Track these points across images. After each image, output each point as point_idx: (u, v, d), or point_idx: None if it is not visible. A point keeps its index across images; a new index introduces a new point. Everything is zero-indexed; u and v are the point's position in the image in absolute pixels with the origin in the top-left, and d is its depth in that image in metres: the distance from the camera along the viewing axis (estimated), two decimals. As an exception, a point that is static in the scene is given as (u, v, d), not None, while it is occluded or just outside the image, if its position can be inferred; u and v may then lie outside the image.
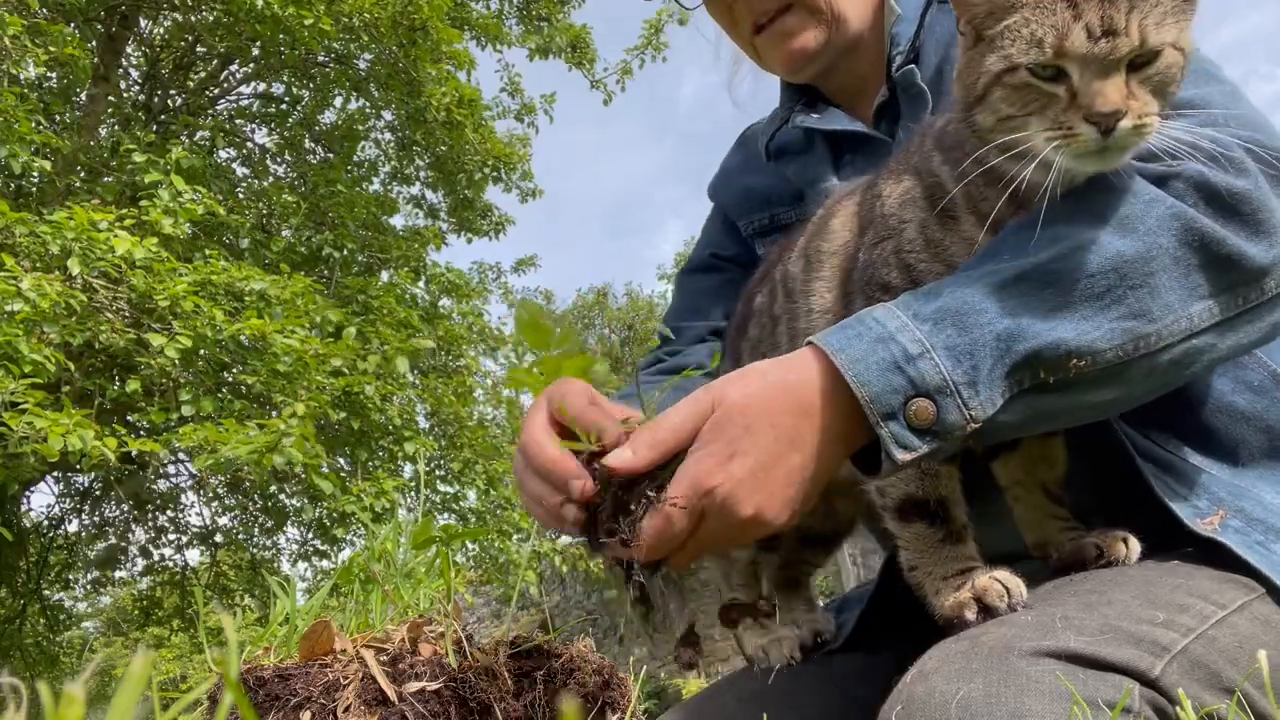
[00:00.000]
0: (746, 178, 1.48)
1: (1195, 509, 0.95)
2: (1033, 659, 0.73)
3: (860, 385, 0.80)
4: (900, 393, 0.80)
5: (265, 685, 0.97)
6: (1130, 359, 0.82)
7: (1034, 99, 0.82)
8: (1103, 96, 0.78)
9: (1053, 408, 0.83)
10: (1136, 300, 0.82)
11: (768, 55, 1.32)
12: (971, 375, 0.79)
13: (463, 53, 8.59)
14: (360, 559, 1.21)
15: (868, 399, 0.80)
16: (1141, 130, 0.79)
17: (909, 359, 0.80)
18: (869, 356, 0.81)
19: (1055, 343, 0.79)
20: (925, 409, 0.79)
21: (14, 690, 0.38)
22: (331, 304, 6.77)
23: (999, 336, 0.79)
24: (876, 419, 0.80)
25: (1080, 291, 0.81)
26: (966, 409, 0.79)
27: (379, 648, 1.01)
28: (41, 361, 4.99)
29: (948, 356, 0.79)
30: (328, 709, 0.94)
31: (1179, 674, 0.76)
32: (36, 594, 9.33)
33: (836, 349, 0.82)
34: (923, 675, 0.77)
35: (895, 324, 0.82)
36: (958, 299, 0.82)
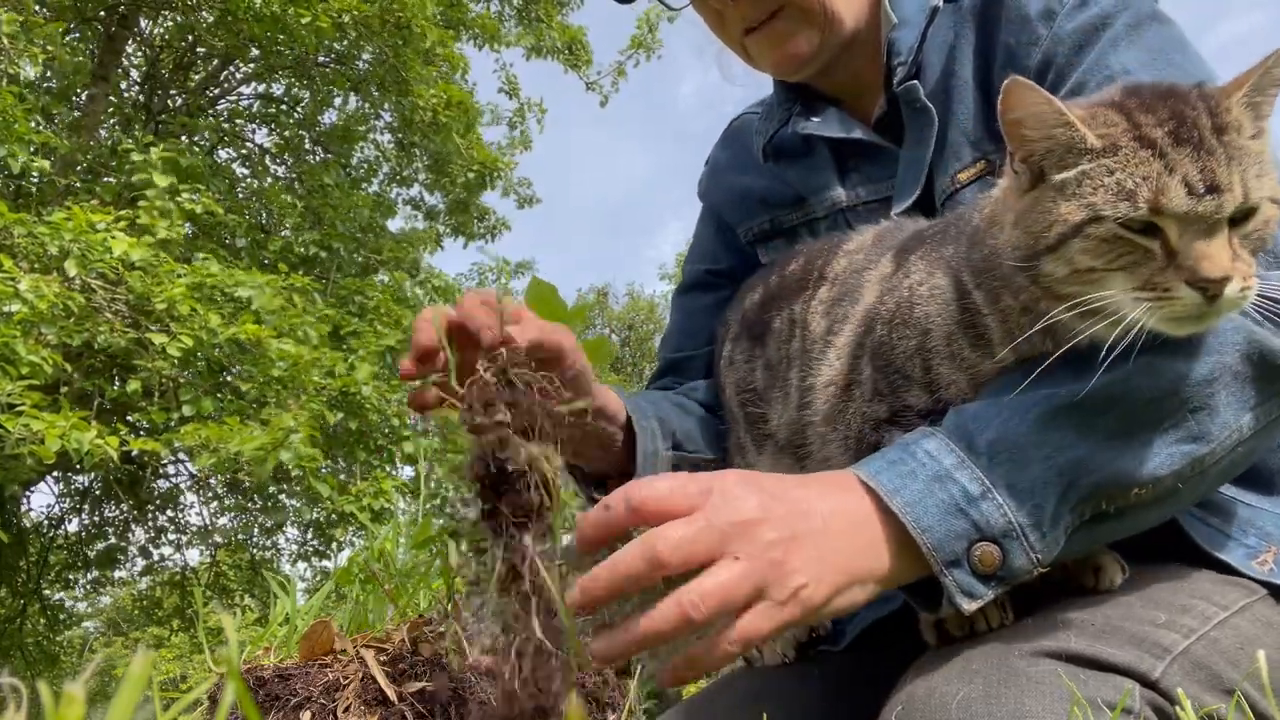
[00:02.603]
0: (741, 177, 1.41)
1: (1246, 549, 0.92)
2: (1033, 659, 0.73)
3: (921, 531, 0.74)
4: (964, 538, 0.74)
5: (265, 685, 0.97)
6: (1188, 479, 0.79)
7: (1125, 253, 0.72)
8: (1210, 261, 0.69)
9: (1111, 532, 0.80)
10: (1197, 423, 0.78)
11: (759, 57, 1.25)
12: (1037, 516, 0.74)
13: (456, 55, 8.59)
14: (360, 559, 1.21)
15: (930, 546, 0.74)
16: (1245, 293, 0.71)
17: (970, 500, 0.74)
18: (926, 499, 0.75)
19: (1116, 474, 0.76)
20: (991, 554, 0.74)
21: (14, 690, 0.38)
22: (328, 303, 6.77)
23: (1060, 471, 0.75)
24: (940, 568, 0.74)
25: (1140, 418, 0.77)
26: (1033, 552, 0.74)
27: (379, 648, 1.01)
28: (39, 363, 4.99)
29: (1010, 496, 0.74)
30: (328, 709, 0.94)
31: (1180, 675, 0.75)
32: (36, 594, 9.33)
33: (891, 491, 0.75)
34: (923, 675, 0.77)
35: (951, 460, 0.76)
36: (1013, 430, 0.76)
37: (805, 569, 0.70)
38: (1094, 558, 0.88)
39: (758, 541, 0.69)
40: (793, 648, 1.14)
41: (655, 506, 0.69)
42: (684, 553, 0.67)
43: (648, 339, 20.93)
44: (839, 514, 0.75)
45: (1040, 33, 1.05)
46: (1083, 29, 1.02)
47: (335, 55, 8.64)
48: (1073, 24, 1.03)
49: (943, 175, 1.12)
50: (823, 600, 0.71)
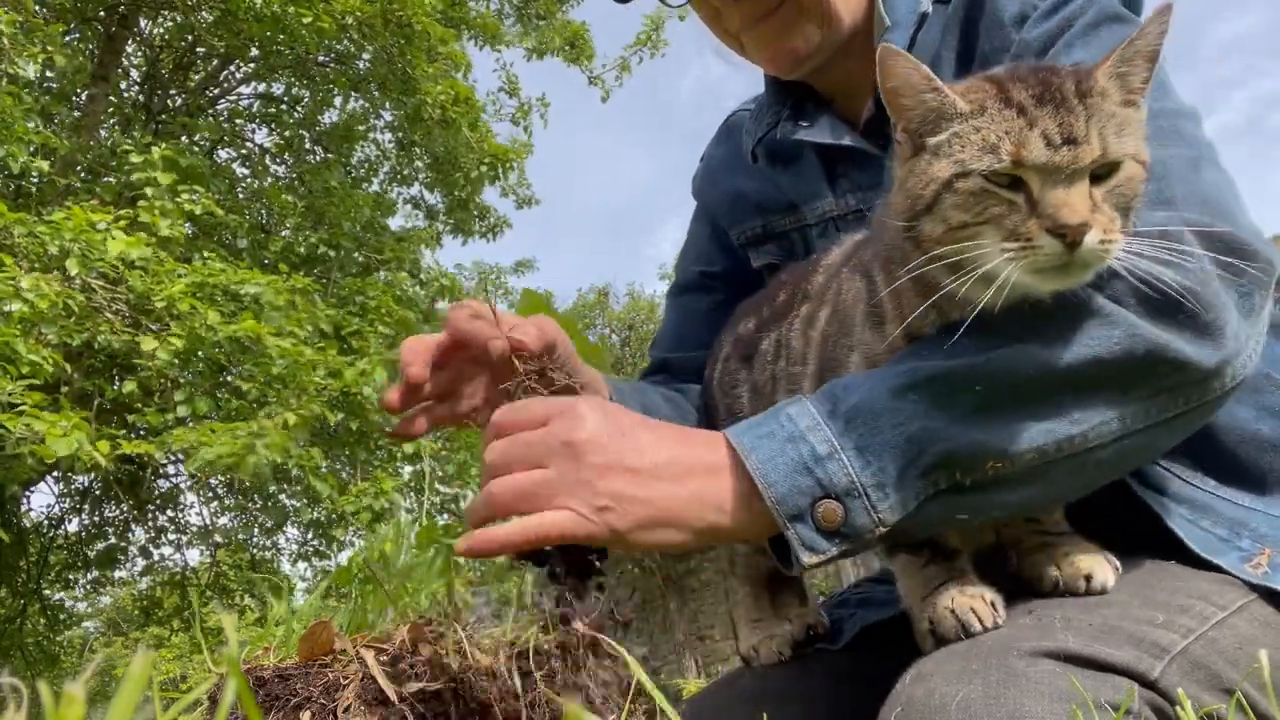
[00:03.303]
0: (735, 179, 1.40)
1: (1240, 551, 0.92)
2: (1032, 660, 0.73)
3: (767, 486, 0.79)
4: (808, 494, 0.78)
5: (265, 685, 0.97)
6: (1053, 460, 0.79)
7: (990, 205, 0.76)
8: (1068, 207, 0.73)
9: (970, 506, 0.81)
10: (1062, 405, 0.79)
11: (755, 53, 1.25)
12: (880, 478, 0.77)
13: (458, 53, 8.59)
14: (360, 559, 1.21)
15: (774, 500, 0.79)
16: (1107, 246, 0.74)
17: (817, 459, 0.79)
18: (778, 457, 0.80)
19: (969, 444, 0.77)
20: (833, 511, 0.78)
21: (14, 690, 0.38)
22: (328, 304, 6.77)
23: (910, 439, 0.77)
24: (784, 520, 0.79)
25: (1003, 395, 0.79)
26: (875, 512, 0.77)
27: (379, 648, 1.01)
28: (39, 362, 4.99)
29: (857, 458, 0.78)
30: (328, 709, 0.94)
31: (1179, 675, 0.75)
32: (36, 594, 9.33)
33: (748, 449, 0.81)
34: (922, 676, 0.77)
35: (807, 422, 0.81)
36: (872, 397, 0.80)
37: (612, 495, 0.79)
38: (1081, 565, 0.88)
39: (579, 461, 0.79)
40: (789, 646, 1.15)
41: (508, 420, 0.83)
42: (508, 458, 0.82)
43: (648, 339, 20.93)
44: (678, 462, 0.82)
45: (1012, 38, 1.06)
46: (1048, 33, 1.02)
47: (335, 55, 8.64)
48: (1039, 29, 1.03)
49: None
50: (625, 529, 0.80)
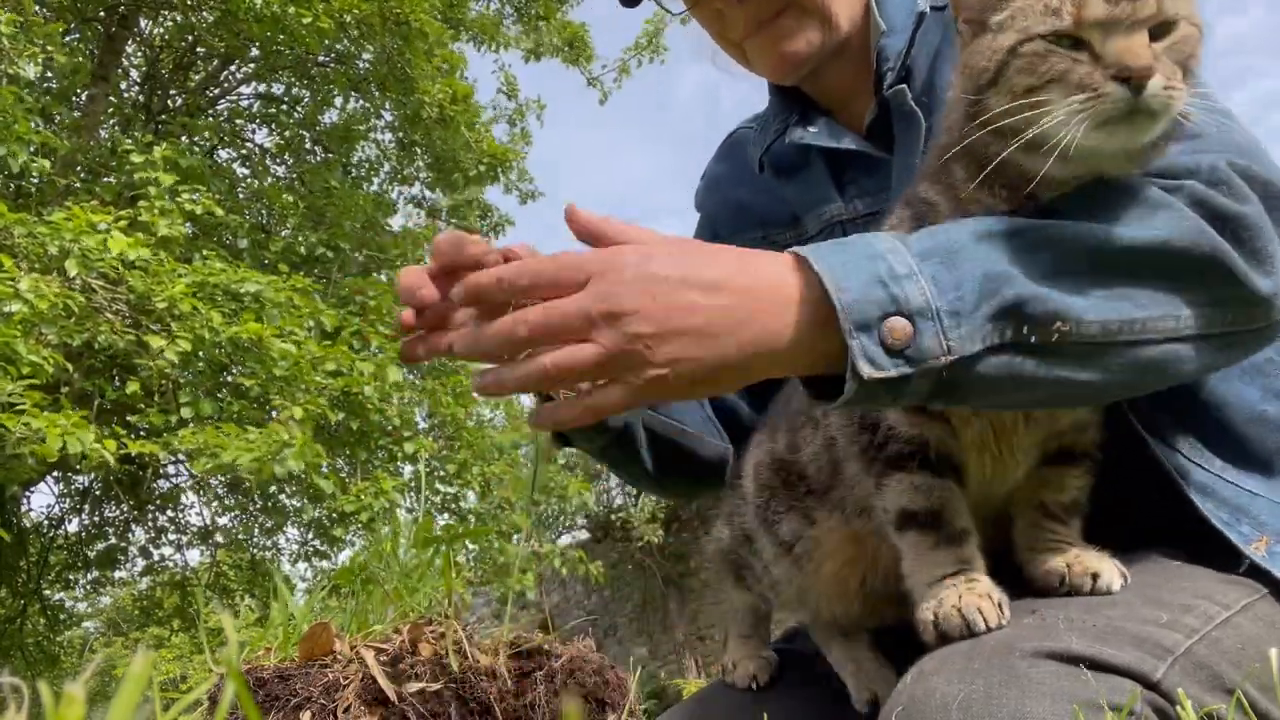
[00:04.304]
0: (738, 191, 1.40)
1: (1241, 535, 0.92)
2: (1034, 660, 0.73)
3: (839, 290, 0.75)
4: (879, 306, 0.74)
5: (265, 685, 0.97)
6: (1113, 341, 0.78)
7: (1056, 64, 0.77)
8: (1131, 52, 0.75)
9: (1030, 374, 0.79)
10: (1129, 284, 0.79)
11: (758, 59, 1.25)
12: (955, 306, 0.75)
13: (454, 54, 8.60)
14: (360, 559, 1.21)
15: (844, 306, 0.74)
16: (1171, 93, 0.75)
17: (894, 277, 0.76)
18: (852, 266, 0.76)
19: (1042, 297, 0.76)
20: (902, 328, 0.74)
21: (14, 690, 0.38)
22: (329, 304, 6.77)
23: (987, 276, 0.76)
24: (850, 327, 0.74)
25: (1074, 260, 0.78)
26: (945, 337, 0.74)
27: (379, 648, 1.01)
28: (40, 363, 4.99)
29: (933, 283, 0.76)
30: (328, 709, 0.94)
31: (1181, 676, 0.75)
32: (37, 594, 9.33)
33: (817, 256, 0.78)
34: (923, 676, 0.77)
35: (885, 245, 0.78)
36: (949, 239, 0.79)
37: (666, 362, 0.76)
38: (1089, 564, 0.88)
39: (623, 333, 0.75)
40: (767, 673, 1.13)
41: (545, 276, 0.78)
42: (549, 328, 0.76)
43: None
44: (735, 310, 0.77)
45: None
46: None
47: (335, 55, 8.64)
48: None
49: None
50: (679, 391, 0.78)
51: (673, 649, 12.46)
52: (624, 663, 1.19)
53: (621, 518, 12.63)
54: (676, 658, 12.36)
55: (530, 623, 1.19)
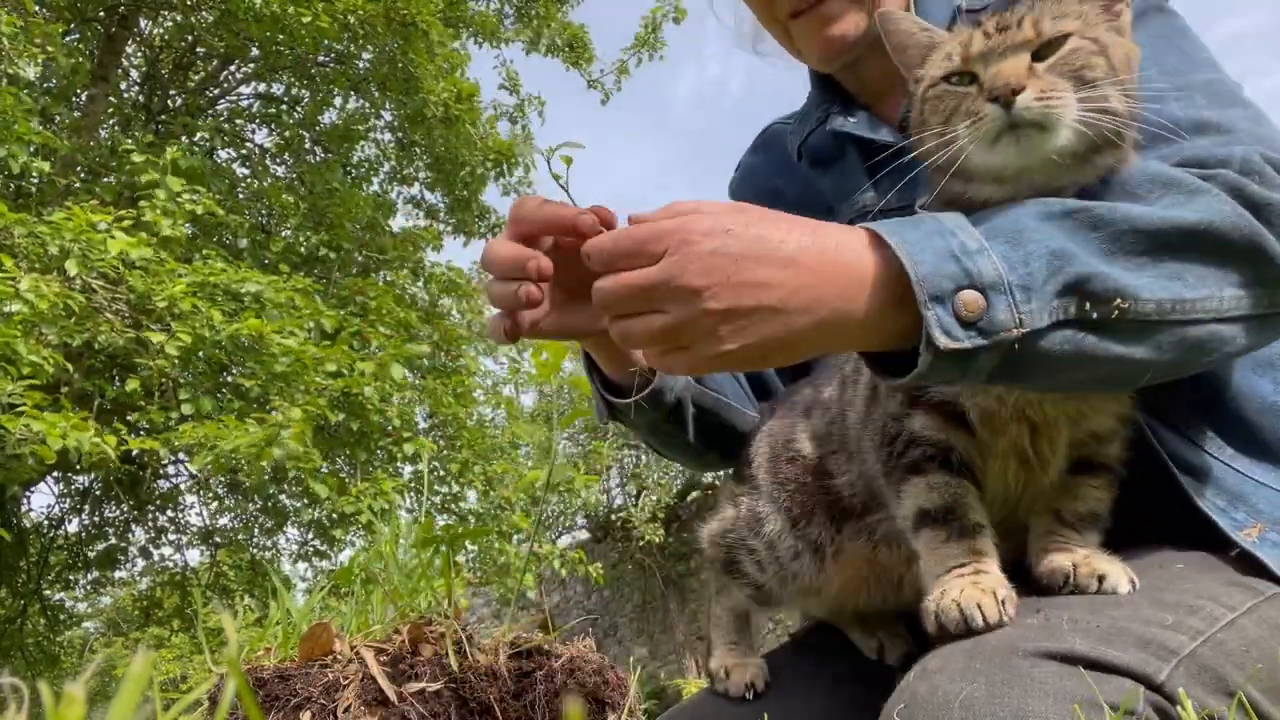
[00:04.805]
0: (774, 180, 1.43)
1: (1233, 520, 0.93)
2: (1037, 660, 0.73)
3: (914, 263, 0.76)
4: (953, 280, 0.76)
5: (265, 685, 0.97)
6: (1165, 319, 0.80)
7: (952, 101, 0.87)
8: (1000, 74, 0.82)
9: (1090, 350, 0.80)
10: (1178, 265, 0.81)
11: (803, 41, 1.27)
12: (1026, 281, 0.77)
13: (455, 53, 8.59)
14: (360, 559, 1.21)
15: (919, 278, 0.76)
16: (1048, 103, 0.81)
17: (966, 252, 0.77)
18: (924, 241, 0.78)
19: (1103, 274, 0.78)
20: (975, 300, 0.75)
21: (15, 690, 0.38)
22: (329, 304, 6.77)
23: (1053, 254, 0.78)
24: (925, 298, 0.75)
25: (1126, 241, 0.81)
26: (1017, 310, 0.76)
27: (379, 648, 1.01)
28: (40, 362, 4.99)
29: (1004, 259, 0.77)
30: (328, 709, 0.94)
31: (1185, 678, 0.75)
32: (37, 594, 9.33)
33: (890, 231, 0.79)
34: (926, 674, 0.77)
35: (953, 222, 0.80)
36: (1010, 220, 0.81)
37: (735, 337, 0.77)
38: (1096, 566, 0.88)
39: (695, 309, 0.77)
40: (762, 679, 1.13)
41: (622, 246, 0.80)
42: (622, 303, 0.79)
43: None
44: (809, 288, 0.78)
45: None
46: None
47: (335, 55, 8.64)
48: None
49: None
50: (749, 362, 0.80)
51: (673, 649, 12.46)
52: (624, 663, 1.19)
53: (621, 518, 12.63)
54: (676, 658, 12.36)
55: (530, 623, 1.19)
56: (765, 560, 1.11)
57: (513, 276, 0.91)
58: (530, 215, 0.92)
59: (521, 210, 0.93)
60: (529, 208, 0.92)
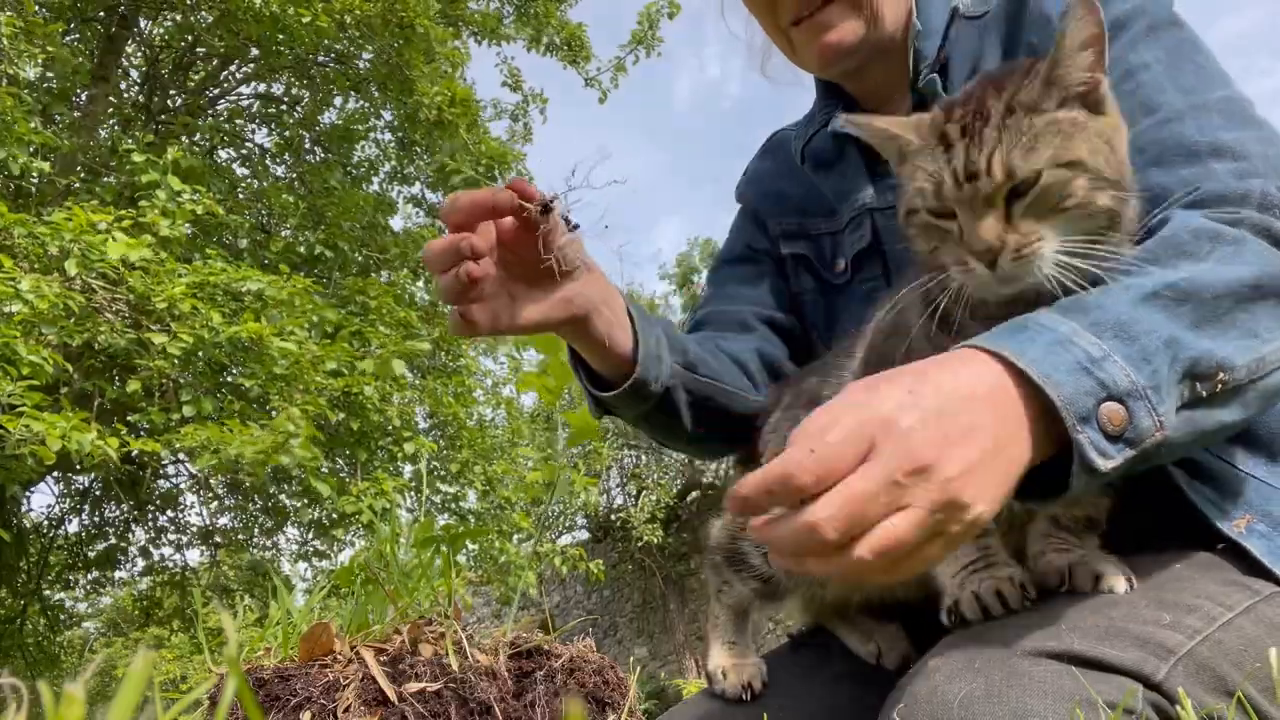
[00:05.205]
0: (780, 183, 1.46)
1: (1222, 512, 0.94)
2: (1036, 659, 0.74)
3: (1054, 386, 0.72)
4: (1092, 395, 0.73)
5: (265, 685, 0.97)
6: (1253, 378, 0.81)
7: (937, 234, 0.87)
8: (976, 235, 0.82)
9: (1202, 426, 0.80)
10: (1249, 321, 0.82)
11: (803, 48, 1.29)
12: (1154, 380, 0.75)
13: (456, 52, 8.58)
14: (360, 559, 1.21)
15: (1064, 401, 0.72)
16: (1023, 257, 0.81)
17: (1093, 361, 0.75)
18: (1050, 358, 0.74)
19: (1207, 353, 0.78)
20: (1117, 413, 0.73)
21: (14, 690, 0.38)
22: (329, 304, 6.78)
23: (1165, 343, 0.77)
24: (1073, 421, 0.72)
25: (1208, 308, 0.81)
26: (1156, 414, 0.75)
27: (379, 648, 1.01)
28: (40, 363, 4.99)
29: (1128, 361, 0.75)
30: (328, 709, 0.94)
31: (1183, 677, 0.75)
32: (37, 594, 9.32)
33: (1016, 351, 0.74)
34: (926, 673, 0.77)
35: (1066, 329, 0.77)
36: (1109, 313, 0.78)
37: (980, 495, 0.70)
38: (1094, 566, 0.88)
39: (933, 482, 0.68)
40: (760, 680, 1.13)
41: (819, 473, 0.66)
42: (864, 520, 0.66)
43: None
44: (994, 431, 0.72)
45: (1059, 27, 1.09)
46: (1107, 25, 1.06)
47: (335, 55, 8.64)
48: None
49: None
50: (989, 516, 0.71)
51: (673, 649, 12.46)
52: (624, 663, 1.19)
53: (621, 518, 12.63)
54: (676, 658, 12.36)
55: (530, 623, 1.19)
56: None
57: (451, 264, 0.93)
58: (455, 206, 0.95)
59: (449, 205, 0.96)
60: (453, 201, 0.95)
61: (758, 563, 1.13)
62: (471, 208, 0.95)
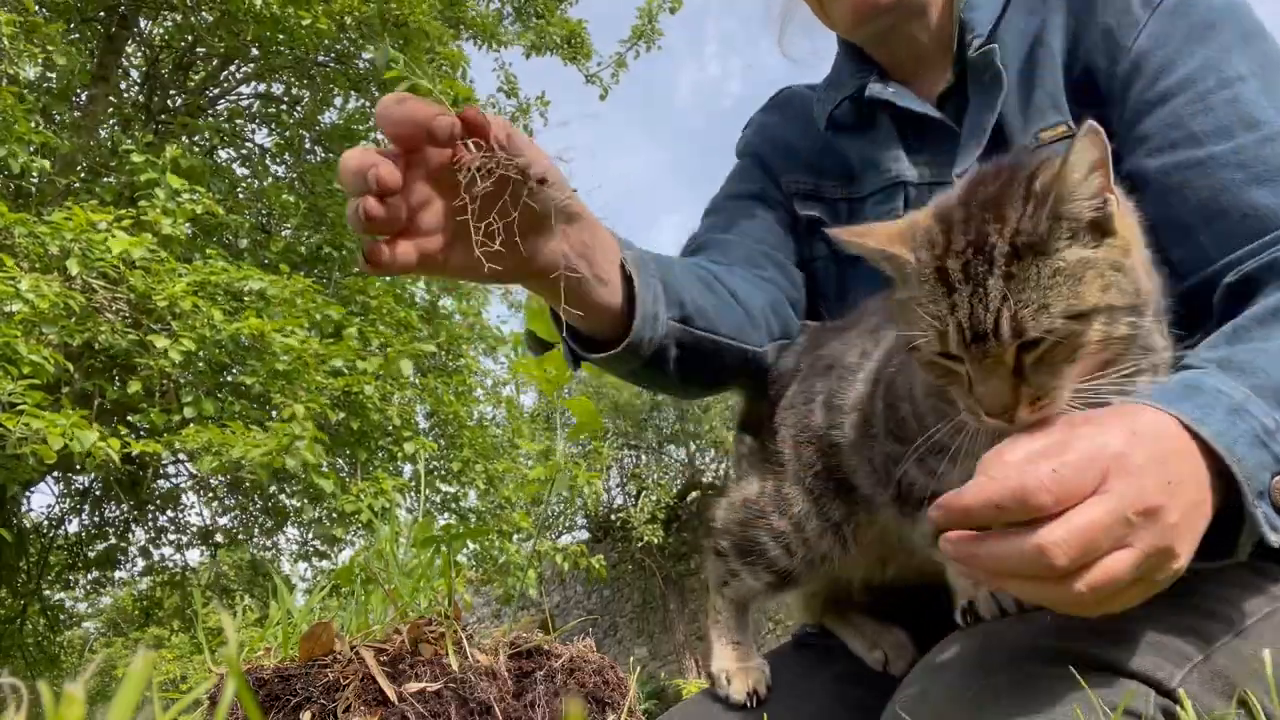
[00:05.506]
0: (791, 137, 1.37)
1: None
2: (1048, 662, 0.73)
3: (1236, 460, 0.72)
4: (1268, 469, 0.73)
5: (265, 685, 0.97)
6: None
7: (945, 371, 0.79)
8: (988, 400, 0.75)
9: None
10: None
11: (835, 5, 1.22)
12: None
13: (456, 53, 8.58)
14: (360, 559, 1.21)
15: (1245, 476, 0.72)
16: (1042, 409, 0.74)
17: (1269, 433, 0.75)
18: (1232, 430, 0.73)
19: None
20: None
21: (14, 690, 0.38)
22: (330, 303, 6.77)
23: None
24: (1252, 497, 0.72)
25: None
26: None
27: (379, 648, 1.01)
28: (40, 362, 4.99)
29: None
30: (328, 709, 0.94)
31: (1198, 684, 0.75)
32: (37, 594, 9.33)
33: (1197, 419, 0.73)
34: (936, 669, 0.76)
35: (1240, 395, 0.76)
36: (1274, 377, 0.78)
37: (1187, 547, 0.69)
38: None
39: (1157, 526, 0.67)
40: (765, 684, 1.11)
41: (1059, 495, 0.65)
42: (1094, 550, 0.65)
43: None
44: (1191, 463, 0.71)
45: (1140, 15, 1.07)
46: (1193, 24, 1.04)
47: (335, 55, 8.64)
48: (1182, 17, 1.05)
49: (1025, 133, 1.12)
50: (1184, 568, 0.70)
51: (673, 649, 12.46)
52: (624, 663, 1.19)
53: (621, 518, 12.63)
54: (676, 658, 12.36)
55: (530, 623, 1.19)
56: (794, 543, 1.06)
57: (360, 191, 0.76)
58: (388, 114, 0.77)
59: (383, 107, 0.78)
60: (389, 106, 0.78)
61: (776, 554, 1.07)
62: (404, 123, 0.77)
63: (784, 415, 1.12)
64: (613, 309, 0.98)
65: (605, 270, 0.96)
